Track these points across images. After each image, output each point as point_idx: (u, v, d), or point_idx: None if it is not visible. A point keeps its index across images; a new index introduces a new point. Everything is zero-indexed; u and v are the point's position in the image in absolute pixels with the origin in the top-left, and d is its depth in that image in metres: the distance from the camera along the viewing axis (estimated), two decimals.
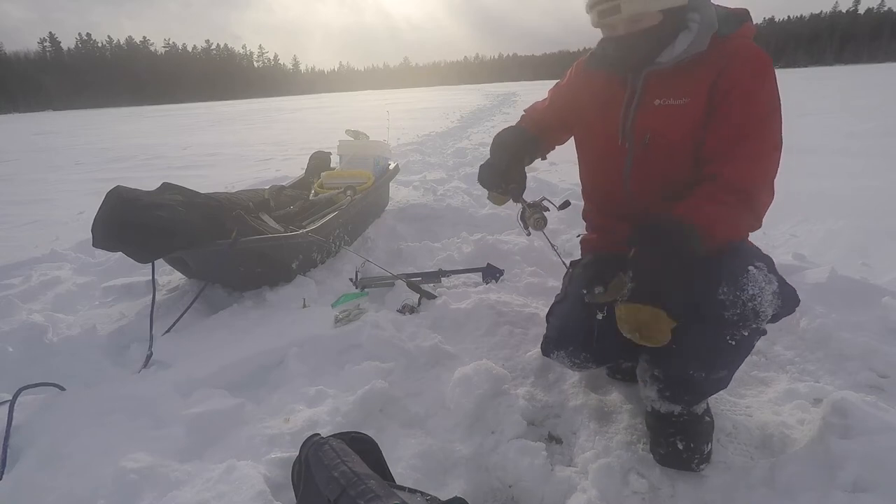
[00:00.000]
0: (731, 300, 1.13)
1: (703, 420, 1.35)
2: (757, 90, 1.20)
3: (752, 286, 1.13)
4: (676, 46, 1.25)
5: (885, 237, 2.90)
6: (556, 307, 1.52)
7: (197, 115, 24.91)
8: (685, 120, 1.27)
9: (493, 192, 1.50)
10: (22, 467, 1.34)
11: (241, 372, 1.80)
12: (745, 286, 1.13)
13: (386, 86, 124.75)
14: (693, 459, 1.30)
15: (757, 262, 1.16)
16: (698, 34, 1.23)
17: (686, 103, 1.26)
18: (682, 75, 1.26)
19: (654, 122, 1.31)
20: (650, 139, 1.32)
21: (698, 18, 1.25)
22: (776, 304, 1.15)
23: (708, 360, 1.25)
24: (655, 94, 1.30)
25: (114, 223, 2.02)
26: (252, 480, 1.17)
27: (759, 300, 1.12)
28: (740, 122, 1.20)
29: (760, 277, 1.14)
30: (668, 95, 1.28)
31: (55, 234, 3.88)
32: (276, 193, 3.08)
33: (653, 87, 1.31)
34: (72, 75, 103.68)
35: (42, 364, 1.87)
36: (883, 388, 1.56)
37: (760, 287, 1.13)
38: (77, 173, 7.58)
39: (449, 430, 1.46)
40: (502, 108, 16.89)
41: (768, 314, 1.15)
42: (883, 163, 4.97)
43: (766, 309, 1.14)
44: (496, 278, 2.42)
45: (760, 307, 1.13)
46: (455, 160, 6.39)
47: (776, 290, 1.15)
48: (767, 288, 1.13)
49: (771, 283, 1.14)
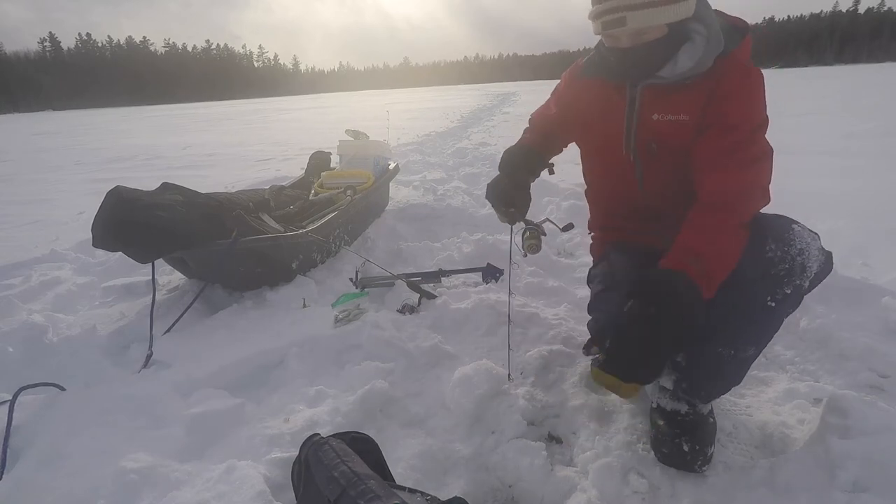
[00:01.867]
0: (780, 255, 1.13)
1: (707, 421, 1.34)
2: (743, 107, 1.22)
3: (800, 241, 1.14)
4: (679, 63, 1.23)
5: (885, 237, 2.90)
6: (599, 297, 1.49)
7: (197, 115, 24.92)
8: (690, 136, 1.28)
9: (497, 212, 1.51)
10: (22, 467, 1.34)
11: (241, 372, 1.80)
12: (793, 241, 1.14)
13: (386, 86, 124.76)
14: (696, 461, 1.29)
15: (795, 222, 1.18)
16: (705, 52, 1.21)
17: (688, 120, 1.27)
18: (682, 91, 1.26)
19: (654, 135, 1.32)
20: (656, 148, 1.33)
21: (703, 32, 1.23)
22: (821, 260, 1.17)
23: (740, 332, 1.20)
24: (653, 109, 1.31)
25: (114, 223, 2.02)
26: (252, 480, 1.17)
27: (806, 254, 1.14)
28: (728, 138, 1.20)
29: (805, 234, 1.16)
30: (667, 111, 1.29)
31: (55, 234, 3.88)
32: (276, 193, 3.08)
33: (649, 101, 1.31)
34: (72, 75, 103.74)
35: (42, 364, 1.87)
36: (883, 388, 1.56)
37: (807, 242, 1.14)
38: (77, 173, 7.58)
39: (449, 430, 1.46)
40: (502, 108, 16.89)
41: (813, 269, 1.15)
42: (883, 163, 4.97)
43: (813, 264, 1.15)
44: (496, 278, 2.42)
45: (808, 261, 1.14)
46: (455, 160, 6.39)
47: (821, 245, 1.17)
48: (813, 243, 1.15)
49: (815, 240, 1.17)
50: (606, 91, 1.40)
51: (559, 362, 1.76)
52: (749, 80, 1.23)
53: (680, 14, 1.19)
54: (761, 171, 1.21)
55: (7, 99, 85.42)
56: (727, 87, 1.22)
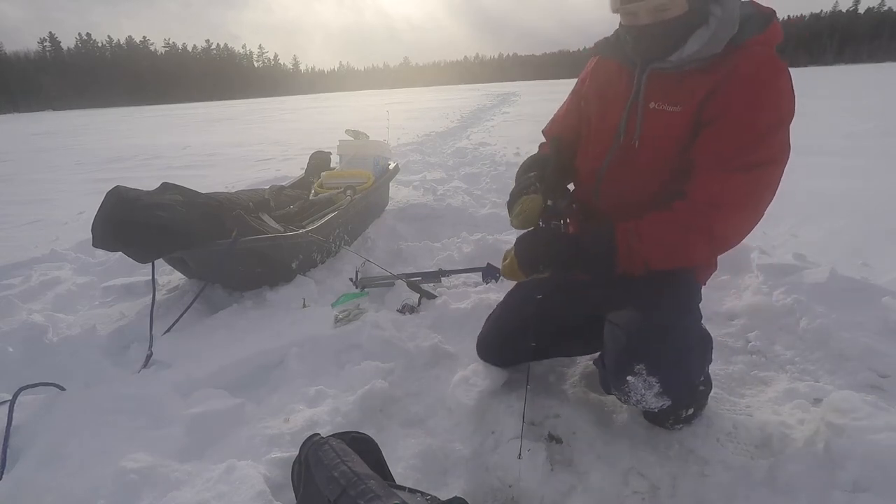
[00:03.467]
0: (623, 399, 1.23)
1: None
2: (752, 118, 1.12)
3: (635, 393, 1.18)
4: (687, 47, 1.16)
5: (885, 237, 2.90)
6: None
7: (197, 115, 24.91)
8: (674, 129, 1.21)
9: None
10: (22, 467, 1.34)
11: (241, 372, 1.80)
12: (629, 392, 1.19)
13: (386, 85, 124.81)
14: (668, 419, 1.35)
15: (637, 367, 1.16)
16: (714, 34, 1.14)
17: (679, 111, 1.20)
18: (684, 80, 1.20)
19: (645, 125, 1.26)
20: (639, 141, 1.27)
21: (719, 13, 1.14)
22: (664, 401, 1.18)
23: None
24: (652, 97, 1.25)
25: (114, 223, 2.02)
26: (252, 480, 1.17)
27: (644, 402, 1.18)
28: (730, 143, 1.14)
29: (640, 384, 1.17)
30: (664, 100, 1.23)
31: (55, 234, 3.88)
32: (276, 193, 3.08)
33: (652, 88, 1.25)
34: (72, 75, 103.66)
35: (42, 364, 1.87)
36: (883, 388, 1.56)
37: (641, 393, 1.17)
38: (77, 173, 7.58)
39: (449, 430, 1.46)
40: (502, 108, 16.87)
41: (660, 404, 1.19)
42: (883, 163, 4.97)
43: (655, 404, 1.18)
44: (496, 278, 2.41)
45: (649, 405, 1.19)
46: (455, 160, 6.40)
47: (658, 391, 1.16)
48: (648, 393, 1.17)
49: (651, 387, 1.16)
50: (617, 76, 1.35)
51: (559, 362, 1.75)
52: (763, 72, 1.12)
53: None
54: (756, 180, 1.14)
55: (7, 99, 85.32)
56: (736, 78, 1.13)
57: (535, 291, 1.42)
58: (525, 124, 10.86)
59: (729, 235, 1.21)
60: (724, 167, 1.14)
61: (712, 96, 1.16)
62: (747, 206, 1.17)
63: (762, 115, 1.13)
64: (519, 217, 1.37)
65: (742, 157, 1.13)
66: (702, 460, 1.33)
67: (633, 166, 1.30)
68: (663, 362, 1.15)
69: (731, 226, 1.19)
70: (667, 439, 1.40)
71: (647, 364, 1.15)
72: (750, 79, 1.13)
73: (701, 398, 1.42)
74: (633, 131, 1.29)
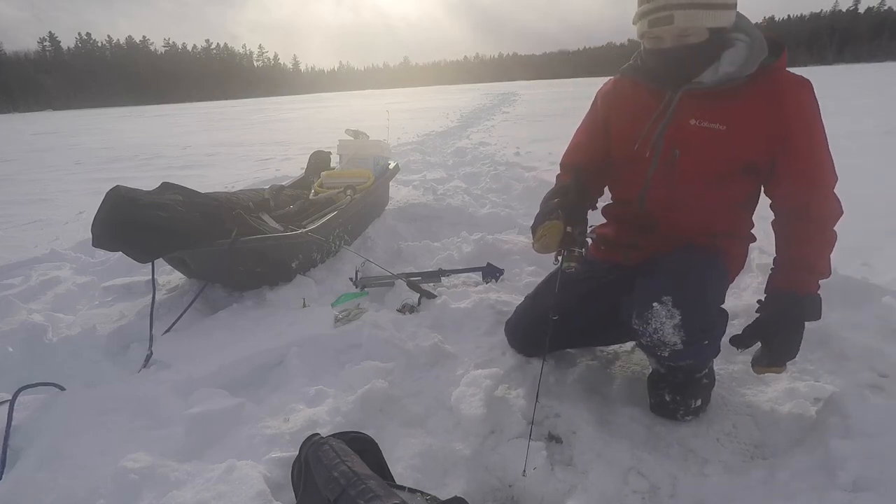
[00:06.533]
0: (640, 331, 1.32)
1: (692, 377, 1.42)
2: (815, 121, 1.31)
3: (656, 320, 1.27)
4: (721, 66, 1.26)
5: (885, 237, 2.90)
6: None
7: (197, 115, 24.91)
8: (722, 145, 1.30)
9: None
10: (22, 467, 1.34)
11: (241, 372, 1.80)
12: (650, 319, 1.28)
13: (386, 85, 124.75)
14: (678, 410, 1.40)
15: (664, 298, 1.26)
16: (749, 57, 1.25)
17: (725, 130, 1.29)
18: (723, 98, 1.29)
19: (686, 140, 1.34)
20: (679, 155, 1.35)
21: (747, 39, 1.27)
22: (681, 337, 1.27)
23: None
24: (691, 114, 1.32)
25: (113, 223, 2.02)
26: (252, 480, 1.17)
27: (661, 333, 1.27)
28: (809, 154, 1.30)
29: (663, 312, 1.26)
30: (705, 118, 1.31)
31: (55, 234, 3.88)
32: (276, 193, 3.08)
33: (688, 105, 1.33)
34: (71, 75, 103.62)
35: (42, 364, 1.87)
36: (883, 388, 1.56)
37: (661, 321, 1.27)
38: (77, 173, 7.58)
39: (449, 430, 1.46)
40: (502, 108, 16.88)
41: (676, 345, 1.28)
42: (883, 162, 4.97)
43: (671, 340, 1.27)
44: (496, 278, 2.42)
45: (665, 338, 1.28)
46: (455, 160, 6.39)
47: (678, 322, 1.26)
48: (668, 322, 1.26)
49: (673, 318, 1.26)
50: (643, 93, 1.42)
51: (560, 363, 1.75)
52: (810, 89, 1.31)
53: (722, 21, 1.24)
54: (835, 177, 1.34)
55: (7, 99, 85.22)
56: (794, 98, 1.28)
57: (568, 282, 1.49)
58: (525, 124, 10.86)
59: (836, 206, 1.36)
60: (817, 173, 1.33)
61: (772, 113, 1.28)
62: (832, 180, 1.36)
63: (819, 116, 1.34)
64: (540, 241, 1.42)
65: (826, 162, 1.34)
66: (702, 460, 1.33)
67: (675, 177, 1.39)
68: (689, 302, 1.27)
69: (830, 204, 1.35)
70: (667, 439, 1.41)
71: (675, 298, 1.26)
72: (807, 94, 1.30)
73: (706, 390, 1.47)
74: (671, 146, 1.37)
